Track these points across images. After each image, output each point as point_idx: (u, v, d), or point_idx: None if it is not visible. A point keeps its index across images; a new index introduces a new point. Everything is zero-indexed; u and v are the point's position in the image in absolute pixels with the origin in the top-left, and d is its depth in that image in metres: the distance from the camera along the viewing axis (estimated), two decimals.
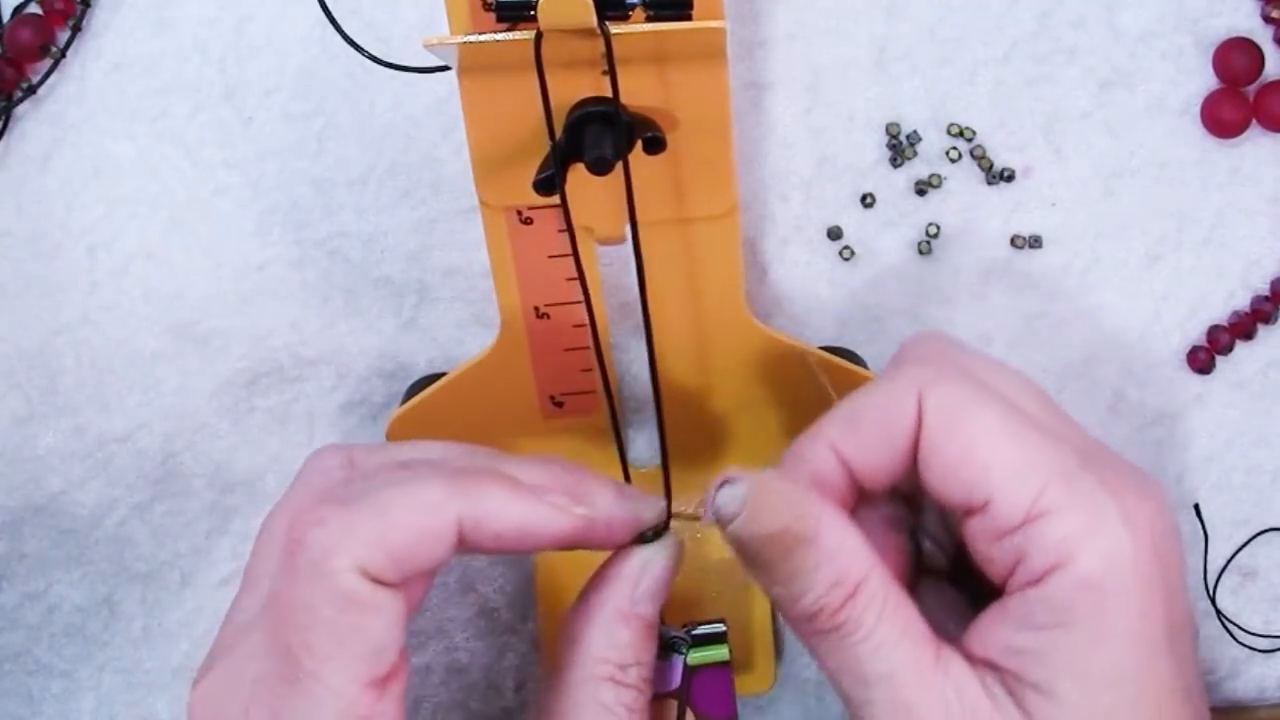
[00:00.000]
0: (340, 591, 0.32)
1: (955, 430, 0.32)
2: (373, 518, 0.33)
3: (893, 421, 0.33)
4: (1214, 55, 0.47)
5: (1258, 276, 0.48)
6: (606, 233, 0.41)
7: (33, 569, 0.50)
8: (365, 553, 0.32)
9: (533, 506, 0.34)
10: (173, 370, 0.49)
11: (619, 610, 0.35)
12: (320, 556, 0.32)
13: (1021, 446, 0.32)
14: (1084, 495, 0.31)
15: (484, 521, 0.33)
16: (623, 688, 0.35)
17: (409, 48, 0.45)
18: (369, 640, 0.32)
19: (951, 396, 0.33)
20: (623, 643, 0.35)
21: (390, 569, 0.32)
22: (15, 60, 0.47)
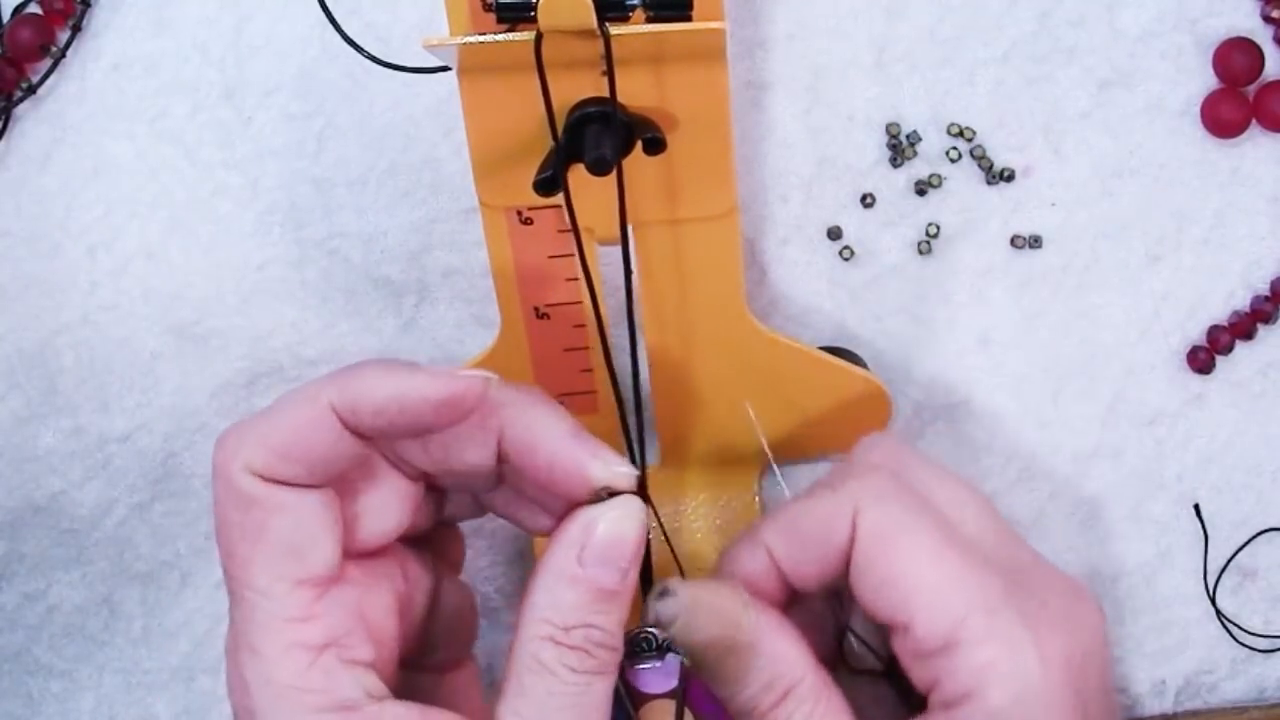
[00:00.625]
0: (239, 494, 0.34)
1: (884, 552, 0.34)
2: (258, 422, 0.34)
3: (827, 536, 0.35)
4: (1214, 55, 0.47)
5: (1258, 276, 0.48)
6: (607, 233, 0.41)
7: (33, 569, 0.50)
8: (251, 453, 0.34)
9: (407, 375, 0.35)
10: (173, 370, 0.49)
11: (562, 570, 0.35)
12: (220, 468, 0.34)
13: (946, 574, 0.33)
14: (1001, 628, 0.33)
15: (358, 400, 0.34)
16: (565, 649, 0.34)
17: (409, 48, 0.45)
18: (280, 538, 0.34)
19: (884, 518, 0.34)
20: (566, 603, 0.35)
21: (279, 464, 0.34)
22: (15, 60, 0.47)
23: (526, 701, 0.34)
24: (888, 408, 0.46)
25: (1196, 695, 0.50)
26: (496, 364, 0.44)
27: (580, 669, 0.35)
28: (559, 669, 0.34)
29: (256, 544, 0.34)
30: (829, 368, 0.45)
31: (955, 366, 0.49)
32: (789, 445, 0.48)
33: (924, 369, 0.49)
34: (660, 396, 0.46)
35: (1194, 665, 0.50)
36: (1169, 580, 0.50)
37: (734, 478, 0.48)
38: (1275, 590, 0.50)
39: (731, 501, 0.49)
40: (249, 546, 0.34)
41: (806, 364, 0.45)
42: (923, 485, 0.36)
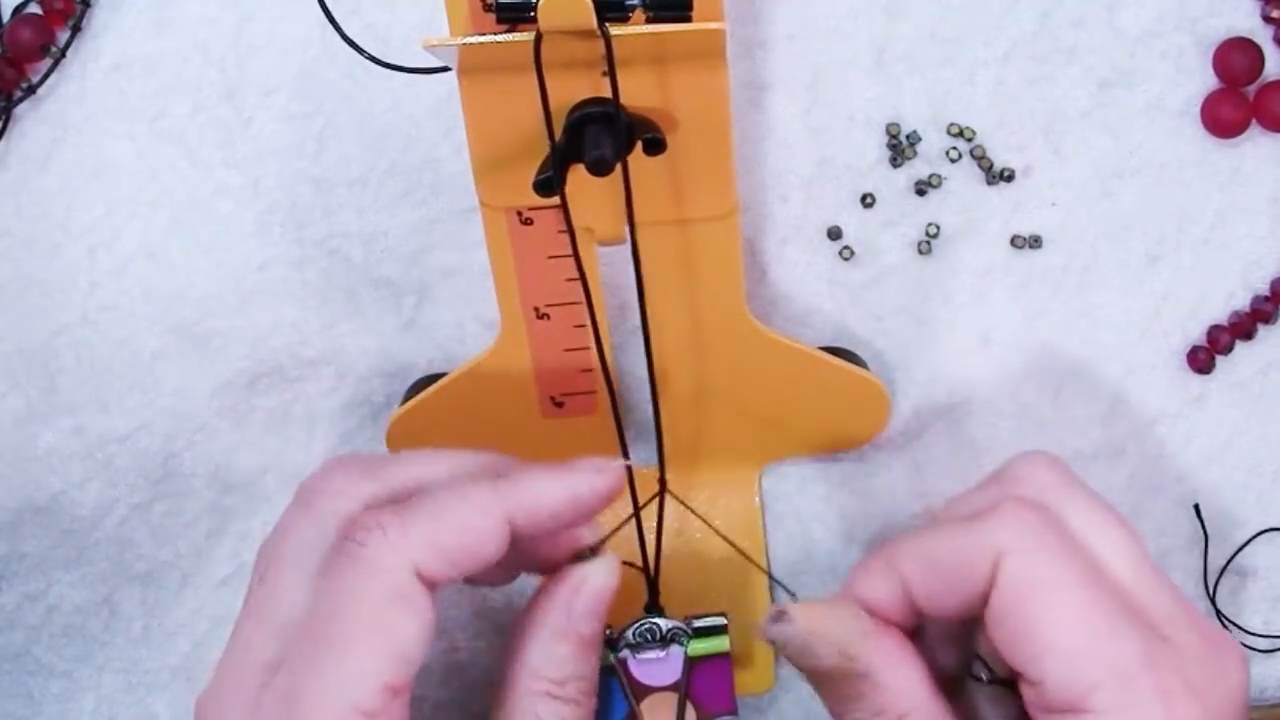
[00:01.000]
0: (394, 586, 0.33)
1: (1023, 605, 0.33)
2: (428, 519, 0.34)
3: (967, 575, 0.34)
4: (1214, 55, 0.47)
5: (1258, 276, 0.48)
6: (607, 233, 0.41)
7: (33, 569, 0.50)
8: (420, 554, 0.34)
9: (571, 477, 0.36)
10: (173, 370, 0.49)
11: (556, 627, 0.37)
12: (377, 555, 0.33)
13: (1085, 637, 0.33)
14: (1134, 701, 0.32)
15: (534, 507, 0.35)
16: (559, 701, 0.36)
17: (409, 48, 0.45)
18: (402, 641, 0.33)
19: (1027, 569, 0.33)
20: (559, 658, 0.37)
21: (445, 569, 0.34)
22: (15, 60, 0.47)
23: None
24: (887, 408, 0.46)
25: None
26: (496, 364, 0.44)
27: (572, 718, 0.36)
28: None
29: (379, 636, 0.33)
30: (829, 368, 0.45)
31: (955, 366, 0.49)
32: (789, 444, 0.48)
33: (924, 369, 0.49)
34: (661, 396, 0.46)
35: None
36: None
37: (734, 478, 0.49)
38: (1275, 590, 0.50)
39: (732, 502, 0.49)
40: (370, 635, 0.33)
41: (806, 364, 0.45)
42: (1075, 521, 0.35)
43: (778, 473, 0.49)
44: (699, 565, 0.48)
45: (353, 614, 0.33)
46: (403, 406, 0.46)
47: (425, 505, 0.35)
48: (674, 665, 0.43)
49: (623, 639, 0.43)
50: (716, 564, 0.48)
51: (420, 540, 0.34)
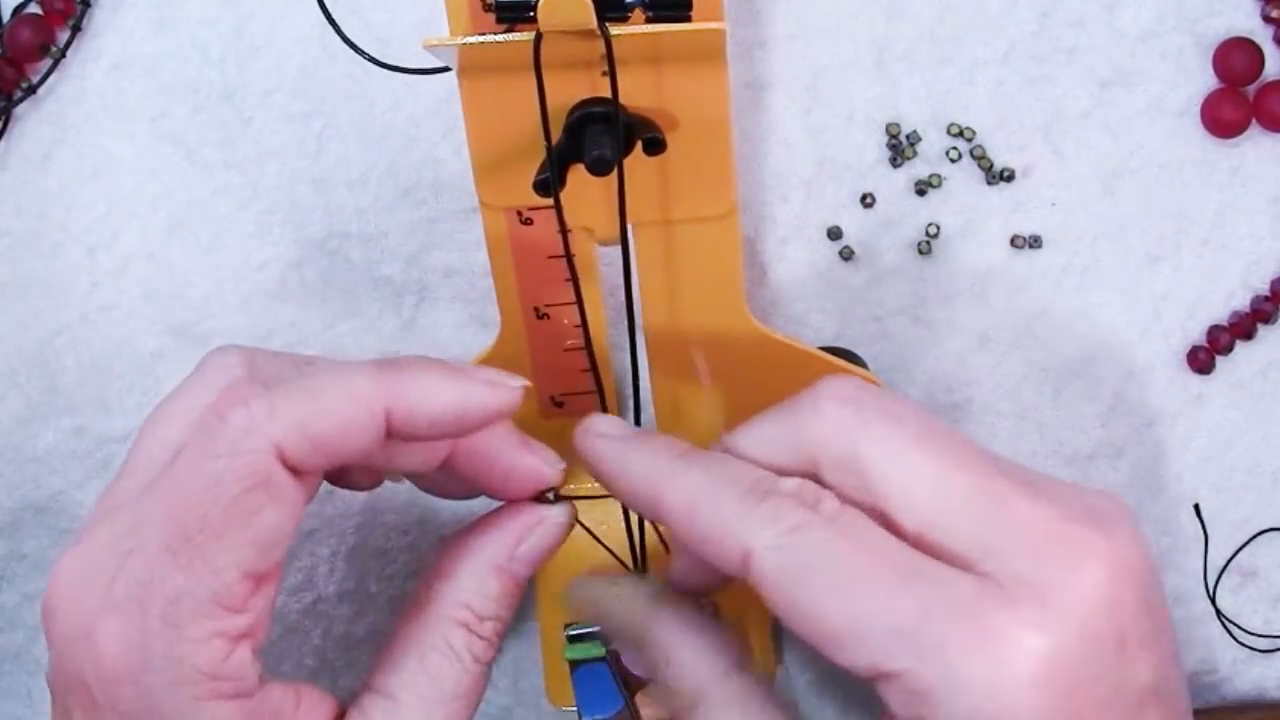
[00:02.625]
0: (253, 470, 0.31)
1: (783, 604, 0.31)
2: (299, 402, 0.32)
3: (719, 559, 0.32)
4: (1214, 55, 0.47)
5: (1258, 276, 0.48)
6: (607, 233, 0.41)
7: (33, 569, 0.50)
8: (284, 434, 0.31)
9: (461, 383, 0.34)
10: (173, 370, 0.49)
11: (496, 561, 0.35)
12: (239, 435, 0.31)
13: (853, 616, 0.30)
14: (928, 658, 0.29)
15: (415, 409, 0.33)
16: (475, 637, 0.35)
17: (409, 48, 0.45)
18: (264, 528, 0.32)
19: (776, 567, 0.31)
20: (490, 593, 0.35)
21: (310, 455, 0.32)
22: (15, 60, 0.47)
23: (427, 680, 0.34)
24: None
25: (1197, 695, 0.50)
26: (496, 364, 0.44)
27: (483, 659, 0.35)
28: (465, 655, 0.35)
29: (240, 525, 0.31)
30: (829, 368, 0.45)
31: (955, 366, 0.49)
32: None
33: (924, 369, 0.49)
34: (660, 396, 0.46)
35: (1194, 665, 0.50)
36: (1169, 580, 0.50)
37: None
38: (1275, 590, 0.50)
39: None
40: (229, 524, 0.31)
41: (806, 364, 0.45)
42: (868, 465, 0.32)
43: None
44: None
45: (212, 498, 0.31)
46: None
47: (297, 385, 0.32)
48: None
49: None
50: None
51: (287, 421, 0.31)
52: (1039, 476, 0.32)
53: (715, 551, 0.32)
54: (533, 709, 0.51)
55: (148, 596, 0.31)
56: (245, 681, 0.32)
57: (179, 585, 0.31)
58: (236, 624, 0.32)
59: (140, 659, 0.31)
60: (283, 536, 0.32)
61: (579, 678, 0.43)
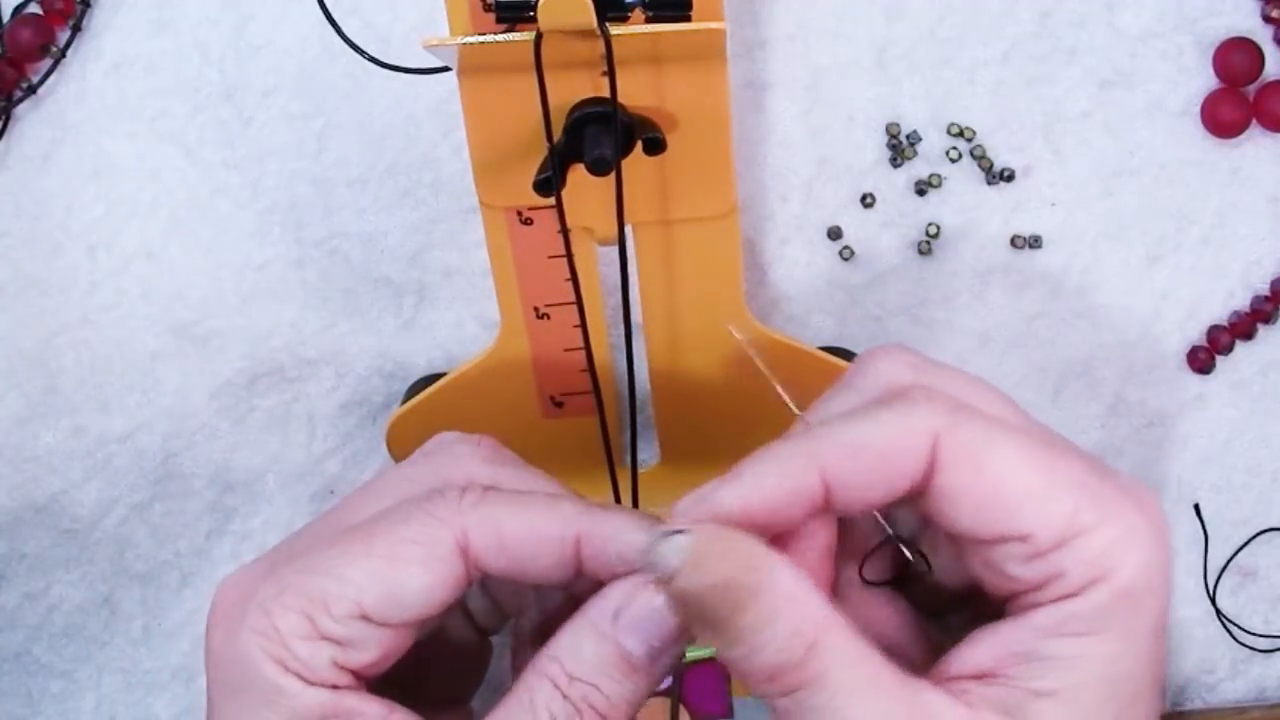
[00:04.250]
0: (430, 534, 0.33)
1: (983, 474, 0.32)
2: (503, 504, 0.34)
3: (900, 462, 0.32)
4: (1214, 55, 0.47)
5: (1258, 276, 0.48)
6: (607, 233, 0.41)
7: (33, 569, 0.50)
8: (476, 527, 0.34)
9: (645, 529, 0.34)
10: (173, 370, 0.49)
11: (594, 622, 0.34)
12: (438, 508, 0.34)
13: (1045, 473, 0.32)
14: (1113, 509, 0.32)
15: (603, 541, 0.34)
16: (560, 698, 0.33)
17: (409, 48, 0.45)
18: (402, 580, 0.33)
19: (969, 440, 0.32)
20: (583, 653, 0.33)
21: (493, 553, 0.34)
22: (15, 60, 0.47)
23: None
24: None
25: (1196, 695, 0.50)
26: (496, 364, 0.44)
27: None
28: (543, 713, 0.33)
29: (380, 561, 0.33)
30: (829, 368, 0.45)
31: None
32: None
33: None
34: (660, 396, 0.46)
35: (1194, 665, 0.50)
36: None
37: None
38: (1275, 590, 0.50)
39: None
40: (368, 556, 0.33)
41: (806, 364, 0.45)
42: (960, 392, 0.34)
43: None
44: None
45: (381, 535, 0.33)
46: (403, 406, 0.46)
47: (513, 494, 0.34)
48: None
49: None
50: None
51: (484, 515, 0.33)
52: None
53: (901, 467, 0.32)
54: None
55: (270, 567, 0.33)
56: (316, 670, 0.32)
57: (300, 569, 0.33)
58: (330, 628, 0.32)
59: (238, 605, 0.33)
60: (414, 603, 0.33)
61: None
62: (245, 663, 0.32)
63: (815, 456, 0.32)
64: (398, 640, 0.34)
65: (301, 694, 0.32)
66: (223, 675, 0.33)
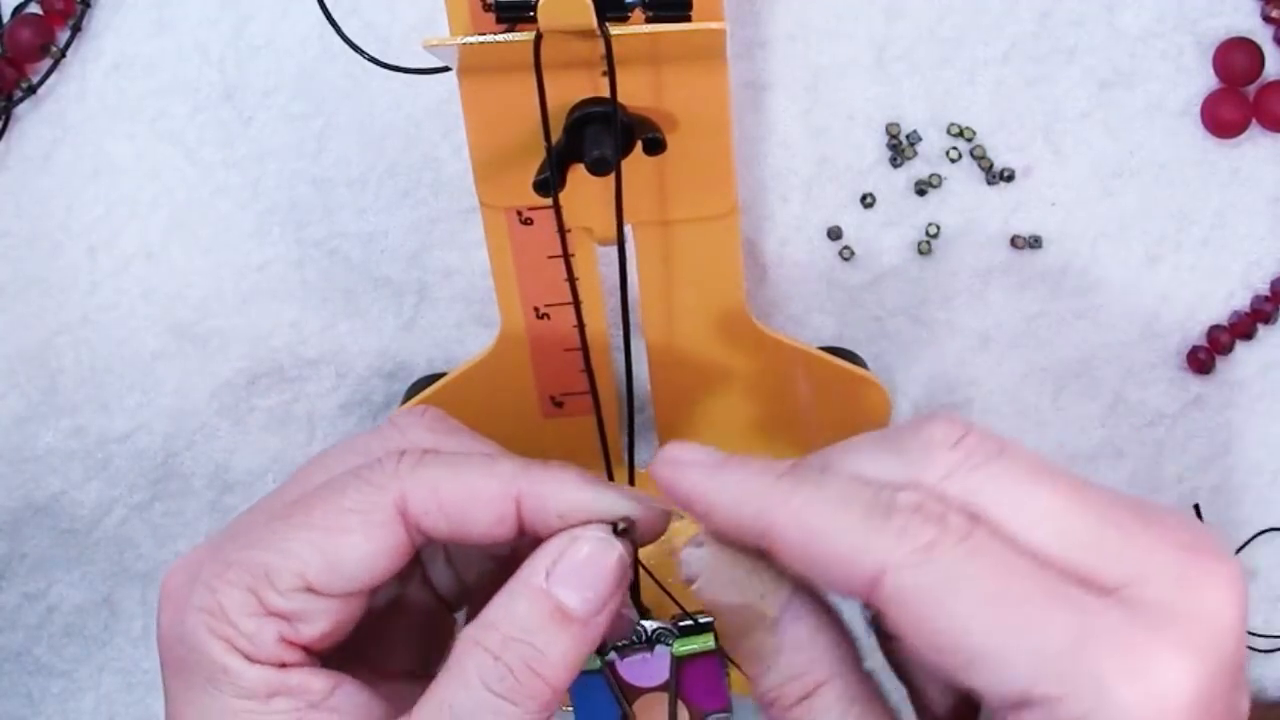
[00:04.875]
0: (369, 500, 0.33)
1: (924, 623, 0.29)
2: (441, 465, 0.34)
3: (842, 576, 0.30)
4: (1214, 55, 0.47)
5: (1258, 276, 0.48)
6: (606, 233, 0.41)
7: (33, 569, 0.50)
8: (415, 490, 0.33)
9: (598, 493, 0.33)
10: (173, 370, 0.49)
11: (525, 577, 0.32)
12: (375, 474, 0.34)
13: (1004, 633, 0.29)
14: (1077, 684, 0.28)
15: (550, 499, 0.33)
16: (491, 660, 0.32)
17: (409, 48, 0.45)
18: (342, 550, 0.33)
19: (916, 584, 0.29)
20: (516, 613, 0.32)
21: (433, 515, 0.33)
22: (15, 60, 0.47)
23: (435, 701, 0.32)
24: (888, 408, 0.46)
25: None
26: (496, 364, 0.44)
27: (497, 690, 0.32)
28: (474, 680, 0.32)
29: (320, 531, 0.32)
30: (829, 368, 0.45)
31: (955, 366, 0.49)
32: (789, 444, 0.48)
33: (924, 369, 0.49)
34: (660, 396, 0.46)
35: None
36: None
37: None
38: (1275, 590, 0.50)
39: None
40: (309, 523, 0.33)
41: (806, 364, 0.45)
42: (987, 500, 0.30)
43: None
44: None
45: (320, 506, 0.33)
46: (403, 406, 0.46)
47: (452, 456, 0.34)
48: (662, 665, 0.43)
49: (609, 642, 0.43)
50: None
51: (421, 477, 0.33)
52: (1146, 502, 0.31)
53: (839, 575, 0.30)
54: None
55: (216, 547, 0.33)
56: (262, 646, 0.32)
57: (252, 550, 0.32)
58: (275, 602, 0.32)
59: (185, 583, 0.33)
60: (356, 571, 0.32)
61: (576, 689, 0.43)
62: (191, 642, 0.32)
63: (767, 527, 0.31)
64: (346, 611, 0.33)
65: (247, 672, 0.32)
66: (171, 656, 0.33)
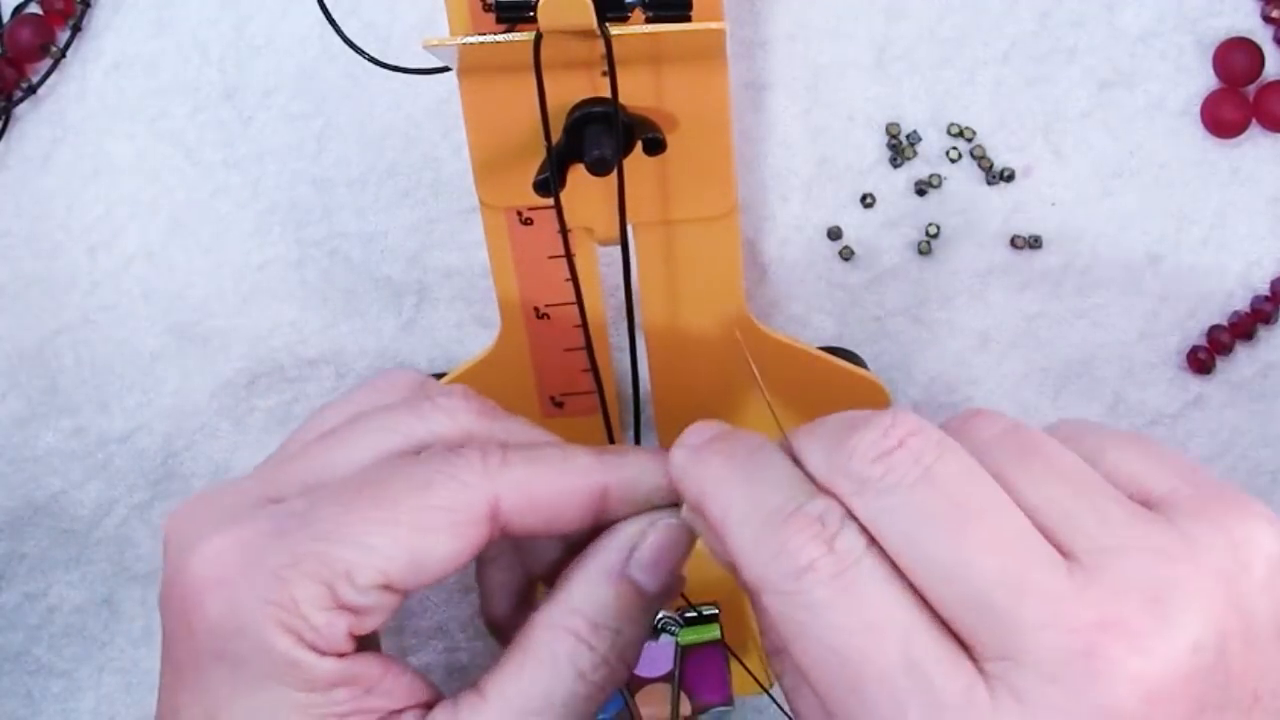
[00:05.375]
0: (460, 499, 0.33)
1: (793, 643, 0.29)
2: (526, 462, 0.34)
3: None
4: (1214, 55, 0.47)
5: (1258, 276, 0.48)
6: (606, 233, 0.41)
7: (33, 569, 0.50)
8: (506, 490, 0.33)
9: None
10: (173, 370, 0.49)
11: (609, 566, 0.34)
12: (464, 471, 0.33)
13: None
14: None
15: (632, 484, 0.34)
16: (584, 647, 0.33)
17: (409, 48, 0.45)
18: (430, 548, 0.32)
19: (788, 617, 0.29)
20: (602, 600, 0.33)
21: (524, 514, 0.33)
22: (15, 60, 0.47)
23: (519, 684, 0.32)
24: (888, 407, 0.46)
25: None
26: (496, 364, 0.44)
27: (590, 675, 0.33)
28: (567, 667, 0.32)
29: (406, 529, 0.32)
30: (829, 368, 0.45)
31: (955, 366, 0.49)
32: None
33: (924, 369, 0.49)
34: (660, 396, 0.46)
35: None
36: None
37: None
38: None
39: None
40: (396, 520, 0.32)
41: (806, 364, 0.45)
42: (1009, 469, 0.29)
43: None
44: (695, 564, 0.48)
45: (406, 501, 0.32)
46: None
47: (529, 451, 0.34)
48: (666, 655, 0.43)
49: None
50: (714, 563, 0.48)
51: (513, 478, 0.33)
52: None
53: (738, 578, 0.31)
54: None
55: (290, 529, 0.32)
56: (332, 640, 0.32)
57: (332, 531, 0.31)
58: (351, 598, 0.31)
59: (240, 569, 0.32)
60: (435, 570, 0.32)
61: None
62: (253, 634, 0.31)
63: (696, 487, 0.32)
64: (404, 601, 0.33)
65: (316, 665, 0.31)
66: (218, 645, 0.32)
